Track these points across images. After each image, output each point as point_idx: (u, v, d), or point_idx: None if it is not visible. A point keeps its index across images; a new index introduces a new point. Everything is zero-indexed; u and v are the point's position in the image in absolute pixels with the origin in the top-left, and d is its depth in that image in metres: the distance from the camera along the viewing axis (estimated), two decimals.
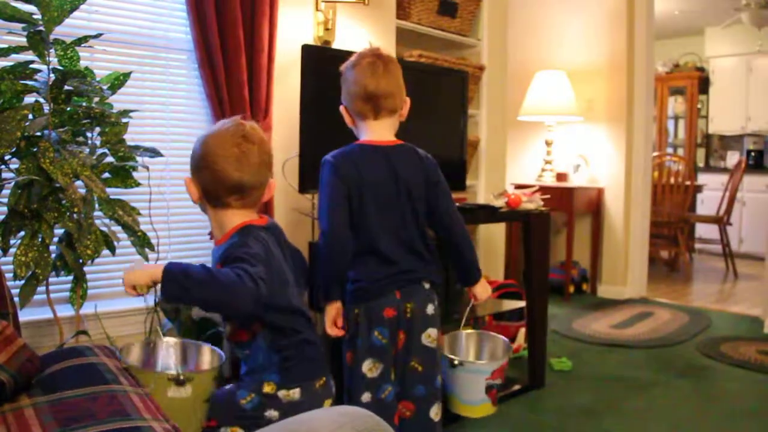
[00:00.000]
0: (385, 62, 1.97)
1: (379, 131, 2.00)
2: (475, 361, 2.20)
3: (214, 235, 1.72)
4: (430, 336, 1.99)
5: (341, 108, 2.03)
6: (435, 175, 2.03)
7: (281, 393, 1.63)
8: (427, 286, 2.01)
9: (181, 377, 1.42)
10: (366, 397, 1.95)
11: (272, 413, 1.61)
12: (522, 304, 3.23)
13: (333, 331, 1.98)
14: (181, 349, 1.68)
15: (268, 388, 1.63)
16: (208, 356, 1.67)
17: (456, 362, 2.09)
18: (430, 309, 2.00)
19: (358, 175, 1.93)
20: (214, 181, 1.64)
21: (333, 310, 1.97)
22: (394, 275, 1.94)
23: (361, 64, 1.97)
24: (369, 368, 1.95)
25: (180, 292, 1.43)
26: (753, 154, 7.76)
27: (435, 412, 2.02)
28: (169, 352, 1.64)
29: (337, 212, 1.91)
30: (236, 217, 1.67)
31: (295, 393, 1.63)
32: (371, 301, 1.94)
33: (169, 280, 1.43)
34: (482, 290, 2.17)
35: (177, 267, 1.45)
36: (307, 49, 2.53)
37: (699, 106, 8.18)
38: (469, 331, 2.29)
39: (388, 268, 1.95)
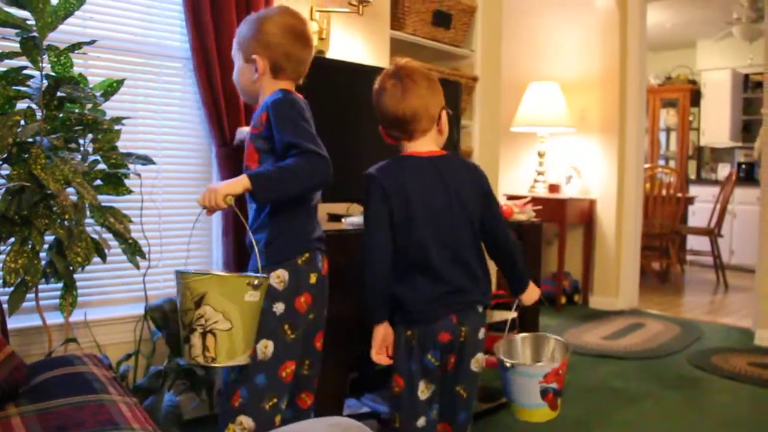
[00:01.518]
0: (405, 83, 1.87)
1: (418, 147, 1.91)
2: (527, 364, 2.10)
3: (246, 99, 1.99)
4: (477, 361, 1.92)
5: (380, 129, 1.98)
6: (486, 184, 1.95)
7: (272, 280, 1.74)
8: (480, 309, 1.91)
9: (257, 281, 1.58)
10: (422, 421, 1.88)
11: (278, 306, 1.75)
12: (513, 315, 3.23)
13: (381, 359, 1.88)
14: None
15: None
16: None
17: (508, 364, 1.98)
18: (481, 334, 1.91)
19: (403, 186, 1.84)
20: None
21: (381, 333, 1.87)
22: (447, 295, 1.83)
23: (385, 90, 1.90)
24: (422, 390, 1.88)
25: (269, 192, 1.65)
26: (744, 166, 7.81)
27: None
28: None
29: (379, 229, 1.84)
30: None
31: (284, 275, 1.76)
32: (427, 325, 1.83)
33: (259, 185, 1.63)
34: (530, 296, 2.09)
35: (257, 172, 1.67)
36: None
37: (690, 118, 8.22)
38: (525, 334, 2.21)
39: (440, 286, 1.83)
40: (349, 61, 3.03)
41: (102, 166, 2.17)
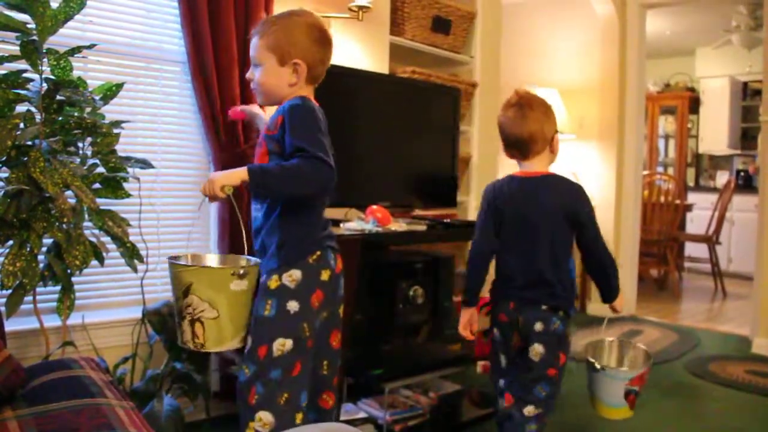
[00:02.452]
0: (524, 110, 2.15)
1: (530, 166, 2.20)
2: (617, 368, 2.32)
3: (267, 102, 1.94)
4: (535, 351, 2.14)
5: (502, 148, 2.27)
6: (578, 204, 2.16)
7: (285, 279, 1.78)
8: (544, 307, 2.14)
9: (242, 270, 1.62)
10: (502, 383, 2.28)
11: (291, 304, 1.77)
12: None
13: (465, 334, 2.30)
14: (219, 260, 1.87)
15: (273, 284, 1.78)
16: (244, 262, 1.80)
17: (598, 367, 2.24)
18: (539, 327, 2.13)
19: (502, 202, 2.18)
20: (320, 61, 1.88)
21: (467, 315, 2.28)
22: (511, 289, 2.18)
23: (506, 114, 2.20)
24: (503, 359, 2.27)
25: (265, 188, 1.71)
26: (742, 173, 7.82)
27: (528, 411, 2.18)
28: (211, 262, 1.84)
29: (482, 234, 2.22)
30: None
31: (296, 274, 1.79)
32: (495, 306, 2.25)
33: (256, 178, 1.67)
34: (620, 303, 2.30)
35: (257, 167, 1.71)
36: None
37: (689, 125, 8.24)
38: (611, 339, 2.42)
39: (510, 283, 2.19)
40: (348, 66, 3.04)
41: (101, 169, 2.17)
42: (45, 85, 1.99)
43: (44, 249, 2.04)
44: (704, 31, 7.28)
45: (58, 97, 2.01)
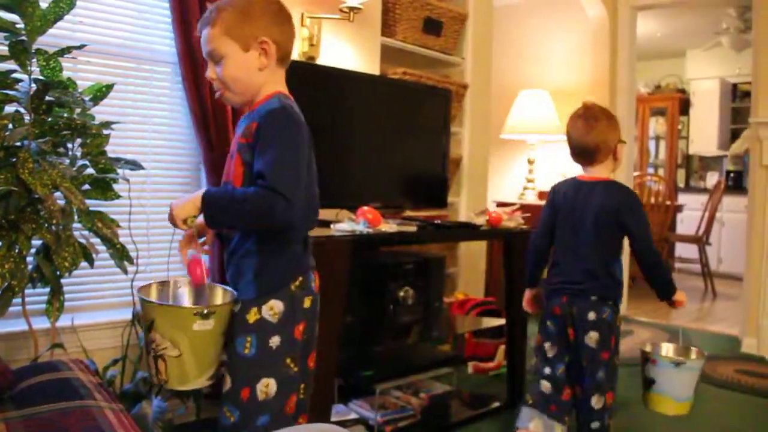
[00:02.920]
0: (591, 122, 2.35)
1: (591, 172, 2.40)
2: (694, 359, 2.44)
3: (241, 99, 1.68)
4: (591, 338, 2.31)
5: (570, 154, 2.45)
6: (627, 207, 2.32)
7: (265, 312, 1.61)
8: (594, 298, 2.32)
9: (205, 311, 1.50)
10: (546, 370, 2.42)
11: (274, 340, 1.60)
12: (501, 321, 3.24)
13: (528, 309, 2.61)
14: (195, 289, 1.71)
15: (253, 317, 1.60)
16: (220, 294, 1.68)
17: (678, 361, 2.36)
18: (592, 316, 2.31)
19: (560, 203, 2.42)
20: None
21: (529, 294, 2.60)
22: (563, 284, 2.37)
23: (574, 124, 2.39)
24: (548, 348, 2.43)
25: (218, 220, 1.55)
26: (732, 174, 7.86)
27: (595, 401, 2.33)
28: (184, 291, 1.69)
29: (541, 228, 2.49)
30: (274, 84, 1.67)
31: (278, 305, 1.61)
32: (548, 300, 2.43)
33: (210, 212, 1.53)
34: (683, 299, 2.43)
35: (211, 194, 1.55)
36: (291, 65, 2.53)
37: (680, 127, 8.28)
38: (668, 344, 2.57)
39: (561, 276, 2.39)
40: (339, 67, 3.04)
41: (90, 170, 2.16)
42: (34, 86, 1.98)
43: (33, 250, 2.03)
44: (694, 33, 7.33)
45: (48, 98, 2.00)
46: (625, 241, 2.39)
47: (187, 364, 1.53)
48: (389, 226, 2.46)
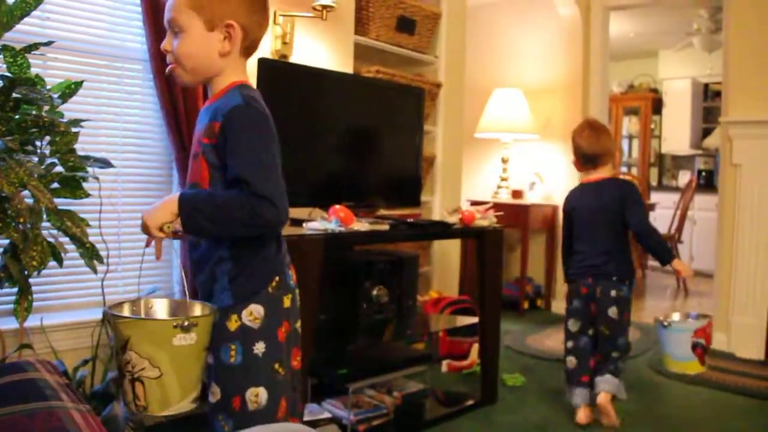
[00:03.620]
0: (598, 133, 2.93)
1: (596, 173, 2.96)
2: (681, 320, 2.88)
3: (212, 90, 1.56)
4: (613, 311, 2.84)
5: (573, 161, 3.04)
6: (628, 196, 2.88)
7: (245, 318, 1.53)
8: (614, 278, 2.84)
9: (186, 323, 1.38)
10: (570, 344, 2.96)
11: (258, 346, 1.54)
12: (475, 319, 3.26)
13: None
14: (170, 307, 1.59)
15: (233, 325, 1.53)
16: (198, 308, 1.56)
17: (666, 323, 2.79)
18: (614, 293, 2.84)
19: (575, 201, 3.01)
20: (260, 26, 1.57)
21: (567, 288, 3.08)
22: (587, 267, 2.90)
23: (582, 135, 2.94)
24: (572, 324, 2.96)
25: (199, 226, 1.45)
26: (704, 173, 7.96)
27: (614, 354, 2.86)
28: (159, 309, 1.57)
29: (565, 231, 3.07)
30: (235, 74, 1.56)
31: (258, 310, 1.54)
32: (574, 282, 2.95)
33: (188, 217, 1.43)
34: (681, 267, 2.90)
35: (188, 199, 1.44)
36: (263, 63, 2.52)
37: (652, 126, 8.37)
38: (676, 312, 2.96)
39: (584, 262, 2.91)
40: (312, 66, 3.04)
41: (59, 168, 2.13)
42: (1, 83, 1.95)
43: (0, 250, 2.00)
44: (666, 33, 7.41)
45: (15, 95, 1.97)
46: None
47: (168, 385, 1.41)
48: (362, 225, 2.46)
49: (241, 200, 1.40)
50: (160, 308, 1.57)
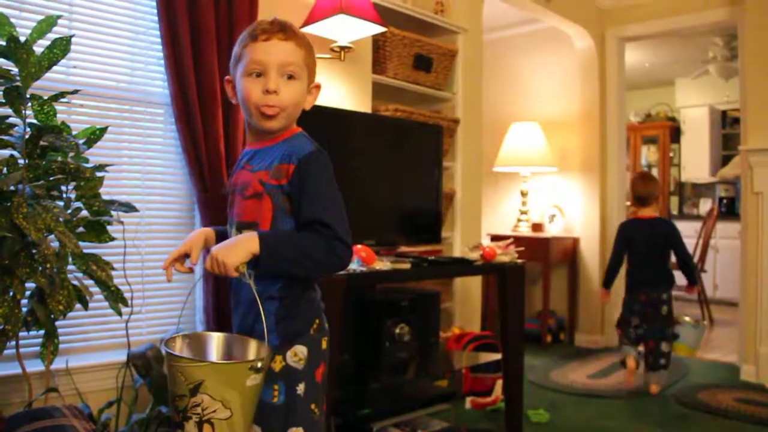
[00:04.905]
0: (650, 180, 4.10)
1: (645, 212, 4.04)
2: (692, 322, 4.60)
3: (279, 126, 1.58)
4: (664, 309, 3.89)
5: (630, 202, 4.25)
6: (671, 233, 3.98)
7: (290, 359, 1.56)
8: (663, 287, 3.91)
9: (260, 364, 1.39)
10: (631, 332, 3.95)
11: (300, 387, 1.57)
12: (498, 356, 3.23)
13: (604, 299, 4.28)
14: (225, 343, 1.58)
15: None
16: (254, 346, 1.55)
17: (694, 322, 4.53)
18: (664, 296, 3.91)
19: (629, 234, 4.06)
20: None
21: (605, 291, 4.22)
22: (641, 282, 3.95)
23: (635, 181, 4.07)
24: (633, 320, 3.96)
25: (277, 265, 1.46)
26: (725, 201, 7.89)
27: (664, 346, 3.90)
28: (215, 345, 1.57)
29: (615, 253, 4.12)
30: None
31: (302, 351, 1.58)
32: (632, 293, 4.00)
33: (269, 256, 1.43)
34: (694, 291, 4.25)
35: (269, 239, 1.45)
36: None
37: (671, 154, 8.33)
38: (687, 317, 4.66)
39: (640, 278, 3.97)
40: (331, 106, 3.07)
41: (84, 213, 2.17)
42: (29, 131, 2.00)
43: (27, 293, 2.02)
44: (682, 62, 7.42)
45: (42, 143, 2.01)
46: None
47: (236, 425, 1.42)
48: (383, 264, 2.46)
49: (325, 241, 1.46)
50: (217, 345, 1.56)
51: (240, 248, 1.43)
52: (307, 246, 1.46)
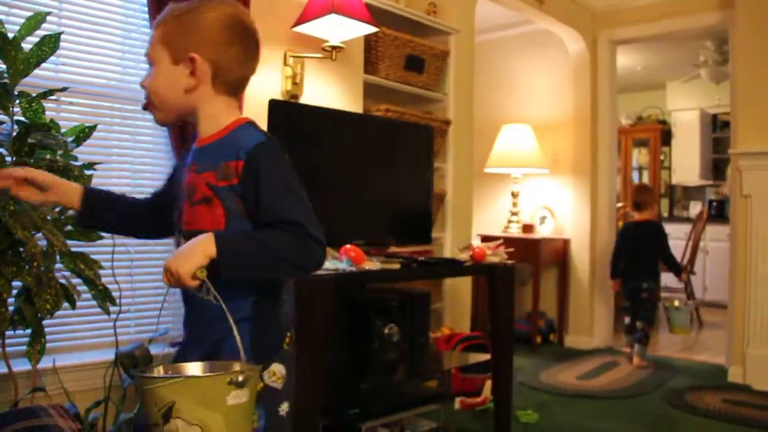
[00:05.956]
0: (641, 190, 4.92)
1: (642, 216, 4.82)
2: (681, 304, 4.99)
3: (201, 129, 1.43)
4: (641, 296, 4.68)
5: (631, 203, 5.05)
6: (659, 234, 4.76)
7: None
8: (646, 277, 4.69)
9: (241, 377, 1.19)
10: (627, 320, 4.81)
11: (283, 407, 1.43)
12: (487, 356, 3.23)
13: (615, 288, 4.94)
14: (206, 370, 1.33)
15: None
16: (234, 364, 1.34)
17: (677, 305, 4.94)
18: (645, 286, 4.66)
19: (626, 233, 4.87)
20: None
21: (615, 281, 4.91)
22: (633, 273, 4.72)
23: (634, 190, 4.98)
24: (627, 305, 4.82)
25: (240, 269, 1.29)
26: (714, 204, 7.93)
27: (638, 324, 4.65)
28: (191, 367, 1.34)
29: (617, 248, 4.86)
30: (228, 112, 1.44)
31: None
32: (626, 282, 4.78)
33: (228, 260, 1.26)
34: (682, 277, 5.17)
35: (227, 239, 1.28)
36: (274, 104, 2.55)
37: (662, 157, 8.37)
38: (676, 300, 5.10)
39: (632, 270, 4.74)
40: (323, 105, 3.07)
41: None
42: (16, 128, 1.98)
43: (14, 292, 2.01)
44: (674, 65, 7.45)
45: (30, 140, 2.00)
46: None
47: None
48: (373, 264, 2.46)
49: (297, 241, 1.30)
50: (192, 367, 1.33)
51: (194, 252, 1.24)
52: (276, 245, 1.29)
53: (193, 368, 1.31)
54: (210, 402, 1.18)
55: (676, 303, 4.91)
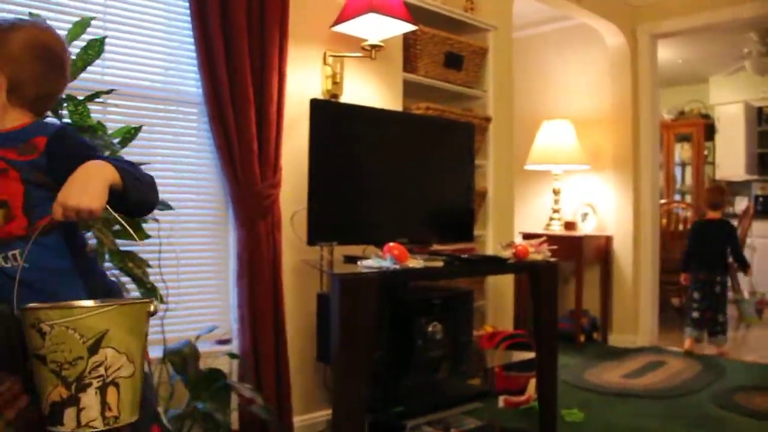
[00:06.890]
0: (714, 191, 5.15)
1: (712, 214, 5.02)
2: (750, 296, 5.81)
3: None
4: (715, 289, 4.84)
5: (704, 204, 4.96)
6: (730, 231, 4.97)
7: None
8: (716, 273, 4.87)
9: (152, 308, 1.27)
10: (695, 305, 4.90)
11: None
12: (531, 355, 3.20)
13: (685, 282, 5.07)
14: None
15: None
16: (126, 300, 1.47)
17: (746, 297, 5.75)
18: (718, 279, 4.86)
19: (699, 230, 5.04)
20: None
21: (685, 274, 5.03)
22: (703, 266, 4.91)
23: (707, 190, 5.22)
24: (696, 295, 4.89)
25: (137, 194, 1.36)
26: (761, 199, 7.75)
27: (720, 318, 4.82)
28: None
29: (691, 243, 5.04)
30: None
31: None
32: (696, 274, 4.93)
33: (130, 182, 1.33)
34: (749, 272, 5.26)
35: (120, 167, 1.34)
36: (315, 103, 2.57)
37: (705, 152, 8.20)
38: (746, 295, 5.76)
39: (702, 263, 4.92)
40: (363, 104, 3.08)
41: None
42: None
43: None
44: (716, 58, 7.29)
45: None
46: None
47: (137, 383, 1.21)
48: (416, 262, 2.45)
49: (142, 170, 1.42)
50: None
51: (94, 181, 1.26)
52: (142, 171, 1.43)
53: (81, 304, 1.28)
54: (135, 330, 1.21)
55: (746, 296, 5.54)
